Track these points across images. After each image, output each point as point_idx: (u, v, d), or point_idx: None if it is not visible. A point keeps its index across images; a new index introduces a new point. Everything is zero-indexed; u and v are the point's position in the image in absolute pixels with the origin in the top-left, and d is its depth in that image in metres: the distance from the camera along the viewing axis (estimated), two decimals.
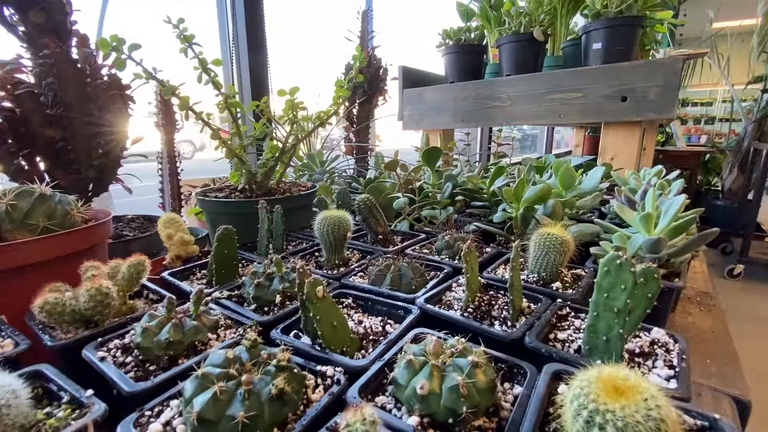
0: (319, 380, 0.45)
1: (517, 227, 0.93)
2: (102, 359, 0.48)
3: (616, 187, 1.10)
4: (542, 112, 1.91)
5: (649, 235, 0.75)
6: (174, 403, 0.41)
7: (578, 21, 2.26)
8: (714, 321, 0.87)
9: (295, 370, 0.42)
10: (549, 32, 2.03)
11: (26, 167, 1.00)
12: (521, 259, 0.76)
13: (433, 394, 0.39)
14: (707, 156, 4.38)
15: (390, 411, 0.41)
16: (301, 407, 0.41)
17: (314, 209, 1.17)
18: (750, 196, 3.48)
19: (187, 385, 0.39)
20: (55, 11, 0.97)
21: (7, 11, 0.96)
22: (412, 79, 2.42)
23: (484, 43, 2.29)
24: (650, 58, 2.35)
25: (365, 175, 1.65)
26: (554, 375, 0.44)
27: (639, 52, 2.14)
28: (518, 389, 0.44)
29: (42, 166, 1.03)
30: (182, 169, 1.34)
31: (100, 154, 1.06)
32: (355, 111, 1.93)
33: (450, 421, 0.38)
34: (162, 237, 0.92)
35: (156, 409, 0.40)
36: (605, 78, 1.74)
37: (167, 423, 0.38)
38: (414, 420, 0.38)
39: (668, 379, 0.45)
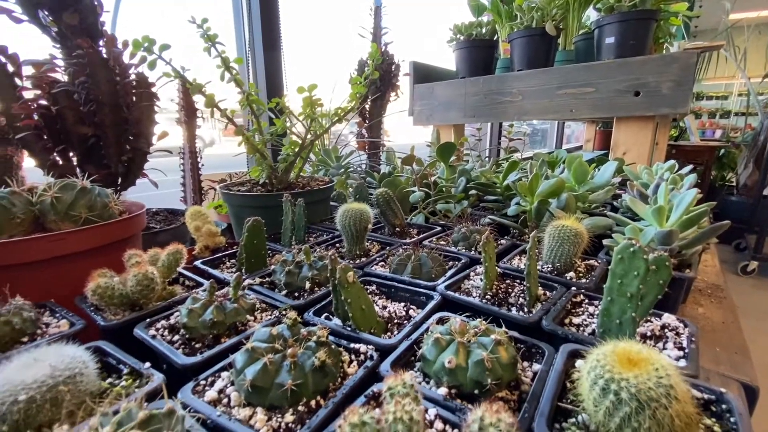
0: (353, 356, 0.50)
1: (531, 220, 0.96)
2: (153, 337, 0.53)
3: (628, 182, 1.12)
4: (554, 107, 1.92)
5: (661, 228, 0.78)
6: (224, 374, 0.46)
7: (590, 15, 2.25)
8: (724, 312, 0.89)
9: (332, 346, 0.47)
10: (561, 26, 2.03)
11: (60, 162, 1.05)
12: (536, 250, 0.79)
13: (460, 368, 0.43)
14: (722, 151, 4.32)
15: (419, 384, 0.45)
16: (339, 379, 0.45)
17: (332, 203, 1.21)
18: (765, 192, 3.44)
19: (238, 358, 0.43)
20: (87, 13, 1.02)
21: (41, 13, 1.01)
22: (423, 74, 2.44)
23: (495, 38, 2.30)
24: (664, 51, 2.33)
25: (377, 170, 1.69)
26: (570, 354, 0.47)
27: (652, 46, 2.13)
28: (537, 366, 0.48)
29: (74, 161, 1.08)
30: (203, 165, 1.39)
31: (129, 149, 1.12)
32: (367, 107, 1.96)
33: (475, 392, 0.42)
34: (190, 228, 0.97)
35: (209, 380, 0.45)
36: (618, 72, 1.74)
37: (221, 391, 0.43)
38: (443, 391, 0.43)
39: (678, 359, 0.49)
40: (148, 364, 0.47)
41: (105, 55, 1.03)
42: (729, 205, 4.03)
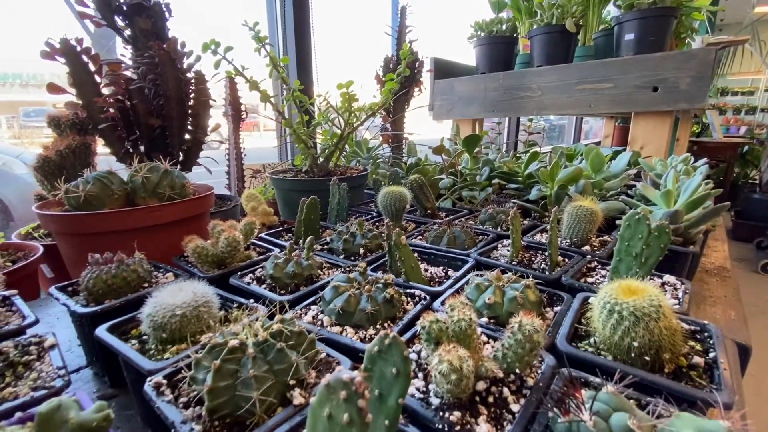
0: (409, 299, 0.64)
1: (551, 204, 1.08)
2: (248, 284, 0.68)
3: (642, 172, 1.23)
4: (572, 102, 2.02)
5: (669, 209, 0.90)
6: (313, 307, 0.60)
7: (611, 10, 2.33)
8: (727, 289, 1.00)
9: (396, 288, 0.61)
10: (580, 23, 2.11)
11: (131, 150, 1.22)
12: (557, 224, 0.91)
13: (497, 303, 0.57)
14: (745, 148, 4.31)
15: None
16: (401, 312, 0.59)
17: (365, 190, 1.35)
18: None
19: (327, 292, 0.58)
20: (157, 18, 1.17)
21: (116, 18, 1.18)
22: (443, 70, 2.56)
23: (515, 35, 2.40)
24: (686, 45, 2.39)
25: (400, 161, 1.82)
26: (584, 299, 0.60)
27: (674, 41, 2.20)
28: (557, 308, 0.61)
29: (141, 149, 1.25)
30: (246, 155, 1.55)
31: (188, 139, 1.28)
32: (391, 102, 2.09)
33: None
34: (247, 209, 1.12)
35: (302, 311, 0.59)
36: (637, 68, 1.82)
37: (314, 317, 0.58)
38: (484, 320, 0.56)
39: (673, 305, 0.61)
40: (252, 300, 0.62)
41: (172, 56, 1.18)
42: (751, 203, 4.03)
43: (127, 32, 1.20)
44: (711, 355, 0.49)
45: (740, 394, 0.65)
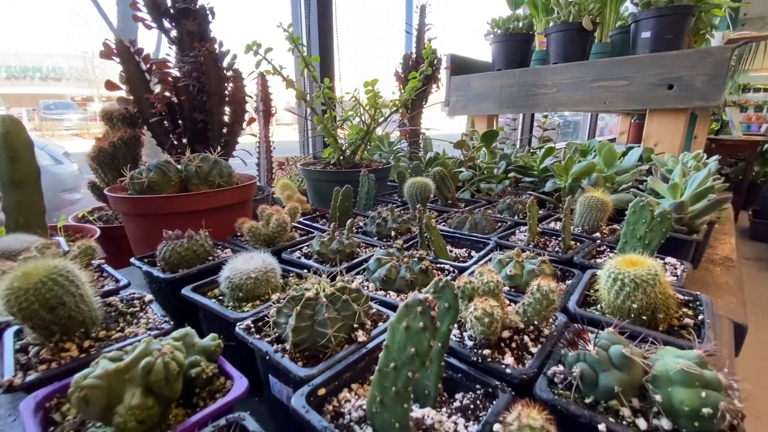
0: (439, 273, 0.75)
1: (565, 195, 1.18)
2: (298, 258, 0.80)
3: (653, 167, 1.31)
4: (587, 99, 2.09)
5: (675, 200, 0.99)
6: (357, 277, 0.71)
7: (629, 6, 2.37)
8: (729, 277, 1.09)
9: (429, 261, 0.72)
10: (597, 20, 2.17)
11: (175, 142, 1.35)
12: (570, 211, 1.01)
13: (517, 275, 0.67)
14: (766, 146, 4.29)
15: None
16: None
17: (388, 182, 1.46)
18: None
19: (371, 263, 0.69)
20: (201, 20, 1.30)
21: (164, 21, 1.30)
22: (459, 66, 2.64)
23: (531, 32, 2.46)
24: (705, 42, 2.41)
25: (418, 155, 1.93)
26: (593, 274, 0.70)
27: (693, 37, 2.23)
28: (569, 281, 0.71)
29: (184, 141, 1.38)
30: (275, 148, 1.67)
31: (225, 132, 1.40)
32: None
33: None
34: (282, 197, 1.24)
35: (349, 279, 0.71)
36: (652, 66, 1.88)
37: (360, 284, 0.69)
38: (506, 288, 0.67)
39: (672, 281, 0.71)
40: (306, 270, 0.73)
41: (215, 56, 1.30)
42: None
43: (173, 33, 1.32)
44: (700, 318, 0.59)
45: (731, 362, 0.75)
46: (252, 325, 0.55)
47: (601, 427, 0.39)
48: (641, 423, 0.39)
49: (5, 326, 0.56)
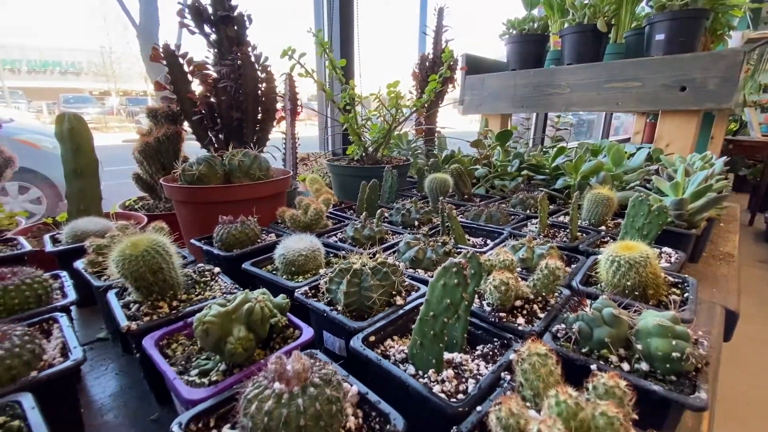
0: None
1: (575, 192, 1.28)
2: (335, 242, 0.93)
3: (660, 167, 1.41)
4: (600, 100, 2.17)
5: (676, 197, 1.09)
6: (389, 258, 0.84)
7: (644, 7, 2.43)
8: (728, 270, 1.19)
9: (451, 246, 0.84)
10: (612, 21, 2.24)
11: (213, 139, 1.49)
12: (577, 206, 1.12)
13: (528, 258, 0.79)
14: None
15: None
16: None
17: (407, 178, 1.58)
18: None
19: (401, 246, 0.82)
20: (240, 26, 1.43)
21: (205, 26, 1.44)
22: (473, 65, 2.74)
23: (546, 33, 2.54)
24: (722, 42, 2.46)
25: (433, 153, 2.04)
26: (595, 260, 0.82)
27: (709, 38, 2.28)
28: (574, 265, 0.82)
29: (221, 137, 1.52)
30: (300, 144, 1.80)
31: (258, 129, 1.54)
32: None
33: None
34: (311, 190, 1.37)
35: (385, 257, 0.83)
36: (666, 68, 1.95)
37: None
38: (518, 269, 0.79)
39: (666, 266, 0.82)
40: (342, 252, 0.86)
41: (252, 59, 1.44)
42: None
43: (212, 37, 1.46)
44: (686, 296, 0.70)
45: (718, 341, 0.85)
46: (308, 291, 0.68)
47: (593, 367, 0.50)
48: (625, 366, 0.51)
49: (107, 289, 0.70)
